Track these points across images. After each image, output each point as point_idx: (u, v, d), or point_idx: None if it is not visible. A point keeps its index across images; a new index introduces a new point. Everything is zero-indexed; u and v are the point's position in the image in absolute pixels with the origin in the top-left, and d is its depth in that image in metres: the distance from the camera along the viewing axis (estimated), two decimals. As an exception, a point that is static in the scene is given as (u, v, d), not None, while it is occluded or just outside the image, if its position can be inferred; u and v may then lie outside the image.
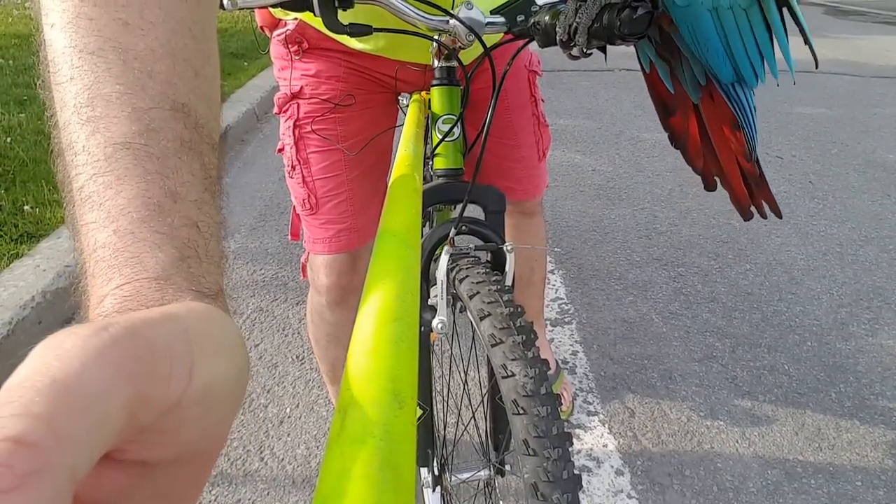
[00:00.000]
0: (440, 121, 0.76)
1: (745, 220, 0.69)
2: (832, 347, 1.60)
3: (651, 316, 1.72)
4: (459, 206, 0.71)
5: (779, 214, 0.68)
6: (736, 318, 1.72)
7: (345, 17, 0.65)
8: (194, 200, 0.25)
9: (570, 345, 1.60)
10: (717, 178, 0.67)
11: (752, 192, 0.66)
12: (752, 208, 0.68)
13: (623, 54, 0.62)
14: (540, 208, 1.20)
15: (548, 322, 1.67)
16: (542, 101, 1.07)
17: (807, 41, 0.55)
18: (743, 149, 0.63)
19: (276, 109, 0.95)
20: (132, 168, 0.24)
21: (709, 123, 0.63)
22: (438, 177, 0.77)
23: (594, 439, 1.31)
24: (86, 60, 0.25)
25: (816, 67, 0.62)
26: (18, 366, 0.15)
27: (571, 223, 2.25)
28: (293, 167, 0.94)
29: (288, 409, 1.38)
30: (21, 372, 0.15)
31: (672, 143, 0.67)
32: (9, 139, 2.54)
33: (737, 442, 1.30)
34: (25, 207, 1.99)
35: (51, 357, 0.15)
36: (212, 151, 0.27)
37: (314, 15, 0.64)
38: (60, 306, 1.61)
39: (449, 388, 1.32)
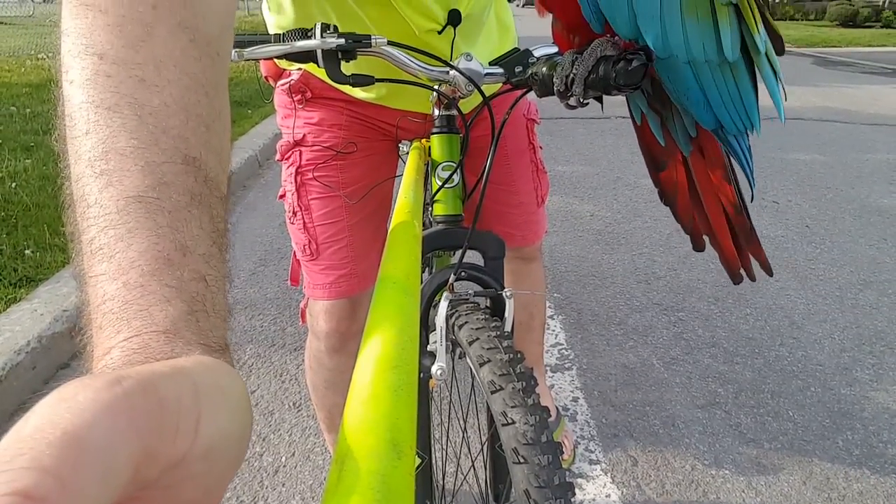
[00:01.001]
0: (440, 168, 0.77)
1: (734, 284, 0.68)
2: (837, 393, 1.58)
3: (652, 361, 1.70)
4: (459, 252, 0.71)
5: (769, 272, 0.67)
6: (738, 364, 1.70)
7: (347, 67, 0.67)
8: (203, 254, 0.25)
9: (571, 391, 1.58)
10: (706, 238, 0.67)
11: (742, 250, 0.66)
12: (742, 271, 0.67)
13: (619, 102, 0.64)
14: (539, 254, 1.21)
15: (548, 368, 1.66)
16: (541, 148, 1.09)
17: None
18: (734, 201, 0.64)
19: (278, 156, 0.97)
20: (144, 221, 0.24)
21: (698, 178, 0.63)
22: (438, 223, 0.77)
23: (597, 489, 1.27)
24: (102, 115, 0.26)
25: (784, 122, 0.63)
26: (26, 413, 0.15)
27: (570, 268, 2.26)
28: (294, 213, 0.95)
29: (283, 458, 1.35)
30: (31, 422, 0.15)
31: (661, 200, 0.67)
32: (14, 184, 2.58)
33: (743, 492, 1.27)
34: (26, 252, 2.00)
35: (63, 409, 0.15)
36: (220, 204, 0.28)
37: (318, 66, 0.66)
38: (56, 351, 1.59)
39: (448, 436, 1.29)
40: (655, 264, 2.29)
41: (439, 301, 0.69)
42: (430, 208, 0.82)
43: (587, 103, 0.60)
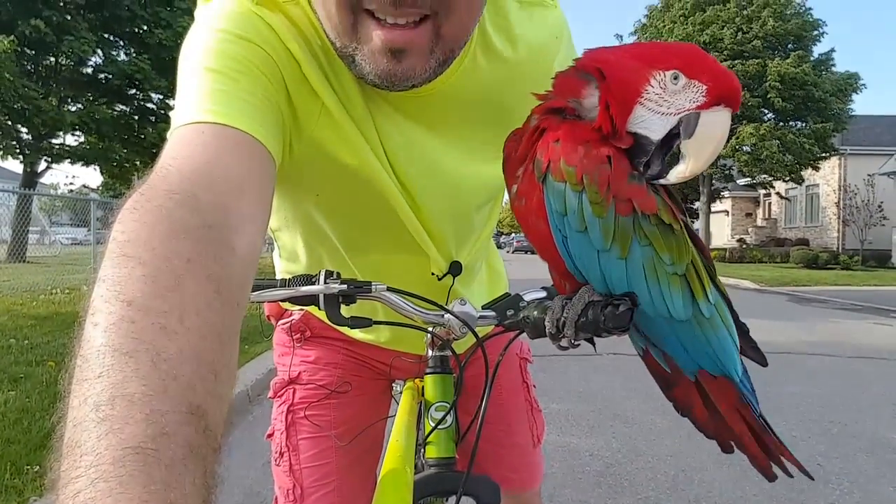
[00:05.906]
0: (433, 408, 0.76)
1: (770, 482, 0.65)
2: None
3: None
4: (453, 499, 0.66)
5: (808, 475, 0.65)
6: None
7: (347, 310, 0.70)
8: None
9: None
10: (732, 443, 0.66)
11: (772, 455, 0.65)
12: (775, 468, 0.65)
13: (611, 339, 0.66)
14: (538, 500, 1.12)
15: None
16: (534, 386, 1.09)
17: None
18: (753, 420, 0.64)
19: (270, 393, 0.96)
20: (138, 475, 0.23)
21: (712, 396, 0.63)
22: (430, 466, 0.74)
23: None
24: (118, 360, 0.27)
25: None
26: None
27: (574, 514, 2.08)
28: (281, 454, 0.91)
29: None
30: None
31: (678, 412, 0.66)
32: (-11, 419, 2.48)
33: None
34: (-18, 496, 1.83)
35: None
36: (214, 456, 0.27)
37: (319, 309, 0.69)
38: None
39: None
40: (666, 510, 2.12)
41: (432, 559, 0.62)
42: (422, 450, 0.79)
43: (578, 345, 0.62)
